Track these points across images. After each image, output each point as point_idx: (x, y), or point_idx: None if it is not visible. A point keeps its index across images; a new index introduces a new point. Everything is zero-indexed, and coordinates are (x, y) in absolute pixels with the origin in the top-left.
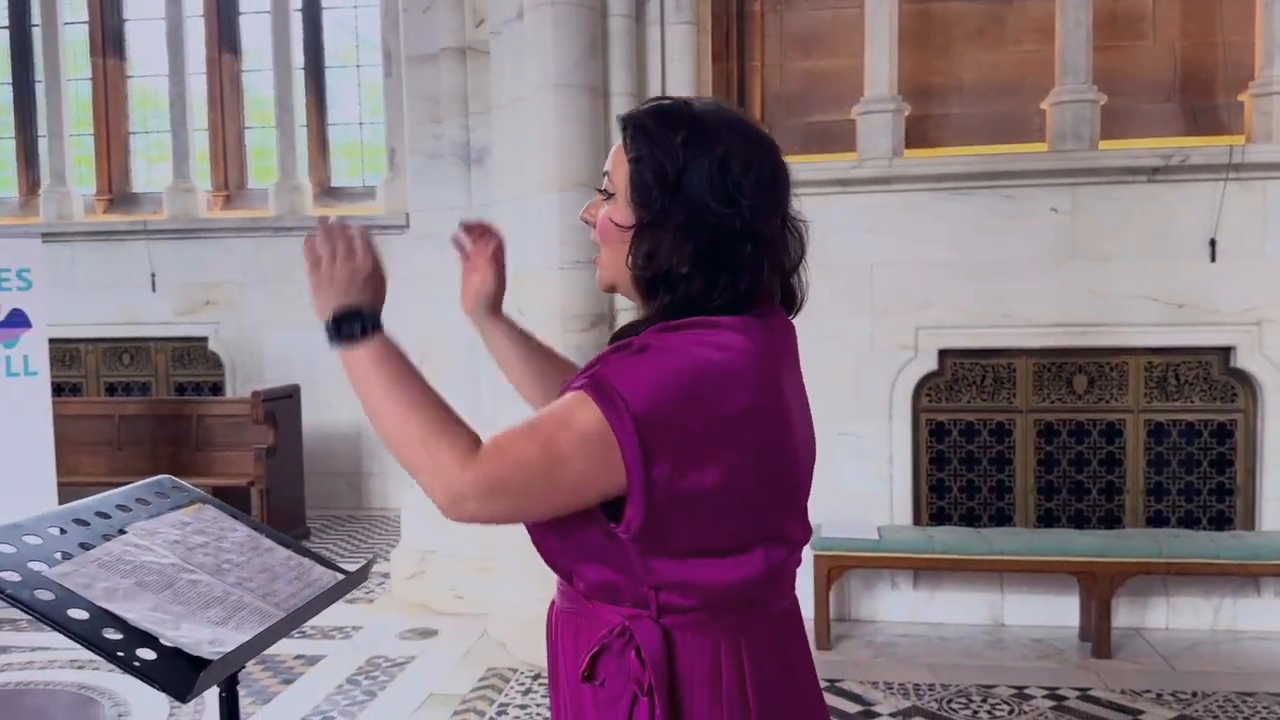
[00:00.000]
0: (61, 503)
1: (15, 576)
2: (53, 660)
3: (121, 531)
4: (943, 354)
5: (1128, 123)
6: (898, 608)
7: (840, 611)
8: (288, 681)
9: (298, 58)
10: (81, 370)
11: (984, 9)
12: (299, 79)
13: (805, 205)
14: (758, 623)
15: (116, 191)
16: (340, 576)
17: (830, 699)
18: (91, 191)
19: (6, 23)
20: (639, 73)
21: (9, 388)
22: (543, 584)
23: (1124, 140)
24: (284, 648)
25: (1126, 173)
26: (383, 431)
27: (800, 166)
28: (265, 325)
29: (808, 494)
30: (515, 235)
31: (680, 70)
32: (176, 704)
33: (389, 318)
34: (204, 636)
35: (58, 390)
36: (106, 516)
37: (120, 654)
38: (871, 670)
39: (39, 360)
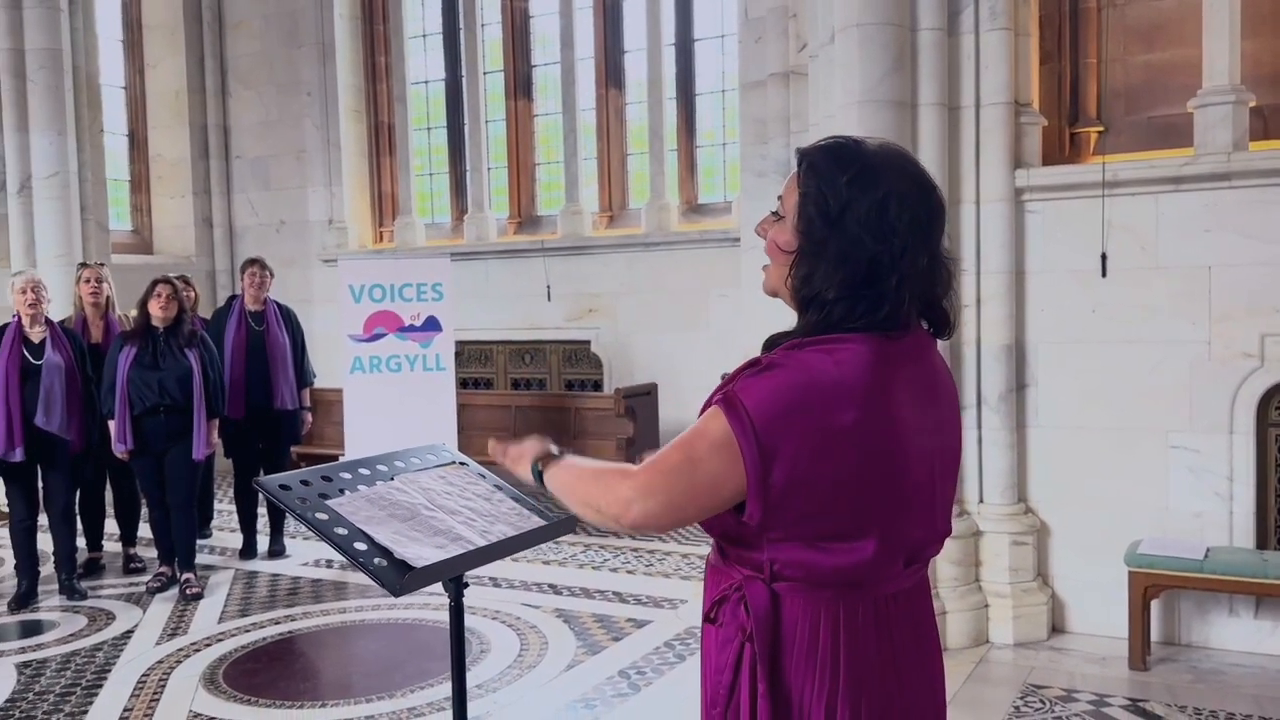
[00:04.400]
0: None
1: (303, 501)
2: (443, 604)
3: (392, 478)
4: None
5: None
6: (1233, 636)
7: (1167, 634)
8: (616, 639)
9: (669, 88)
10: (493, 368)
11: None
12: (670, 107)
13: (1131, 204)
14: (859, 601)
15: (524, 215)
16: (544, 524)
17: (1124, 717)
18: (505, 216)
19: (443, 75)
20: (951, 82)
21: (424, 380)
22: None
23: None
24: (619, 611)
25: None
26: (579, 503)
27: (1122, 166)
28: (635, 330)
29: (931, 496)
30: None
31: (995, 76)
32: (525, 637)
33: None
34: (422, 554)
35: (475, 384)
36: (384, 468)
37: (360, 560)
38: (1184, 695)
39: (447, 358)
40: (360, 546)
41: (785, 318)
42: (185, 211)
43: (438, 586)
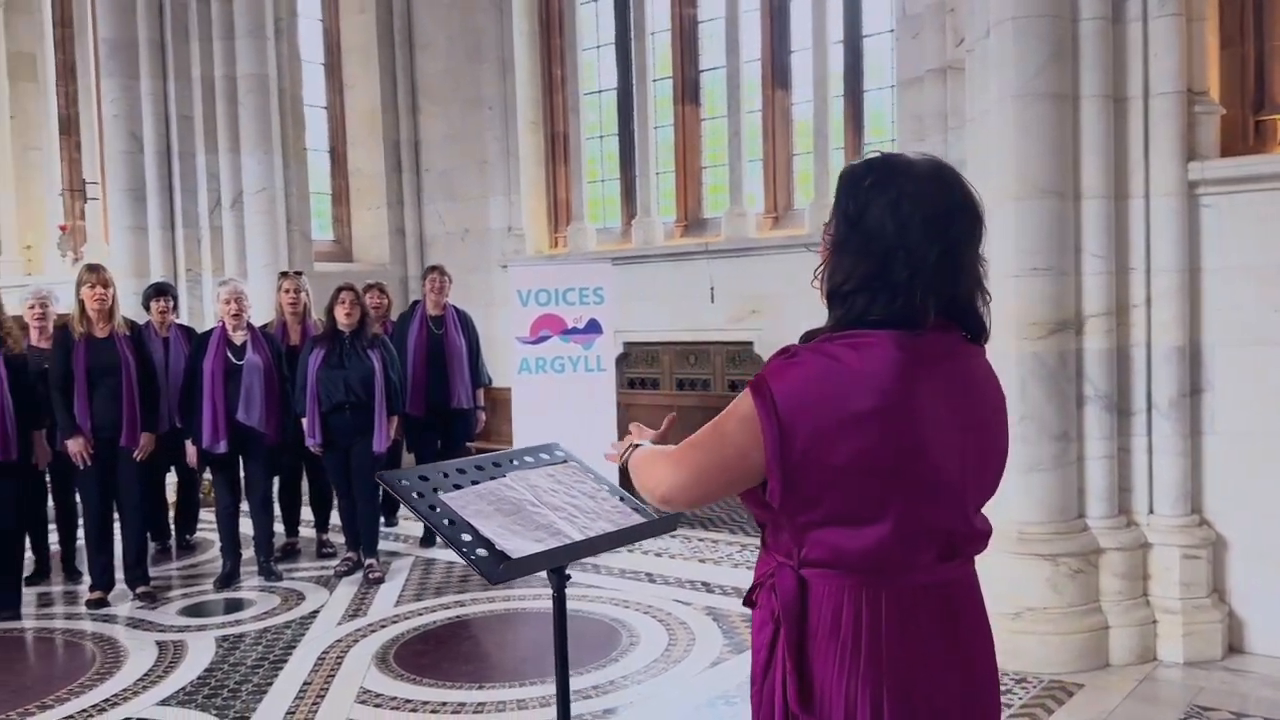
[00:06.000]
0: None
1: (418, 495)
2: (599, 597)
3: (504, 475)
4: None
5: None
6: None
7: None
8: None
9: (836, 86)
10: (659, 369)
11: None
12: (837, 105)
13: None
14: (882, 588)
15: (690, 218)
16: (643, 520)
17: None
18: (672, 219)
19: (614, 84)
20: (1116, 73)
21: (586, 380)
22: None
23: None
24: None
25: None
26: (640, 489)
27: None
28: (798, 331)
29: (962, 490)
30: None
31: (1165, 64)
32: (674, 632)
33: None
34: (521, 547)
35: (642, 384)
36: (498, 465)
37: (464, 549)
38: None
39: (607, 360)
40: (466, 537)
41: None
42: (380, 222)
43: (599, 579)
